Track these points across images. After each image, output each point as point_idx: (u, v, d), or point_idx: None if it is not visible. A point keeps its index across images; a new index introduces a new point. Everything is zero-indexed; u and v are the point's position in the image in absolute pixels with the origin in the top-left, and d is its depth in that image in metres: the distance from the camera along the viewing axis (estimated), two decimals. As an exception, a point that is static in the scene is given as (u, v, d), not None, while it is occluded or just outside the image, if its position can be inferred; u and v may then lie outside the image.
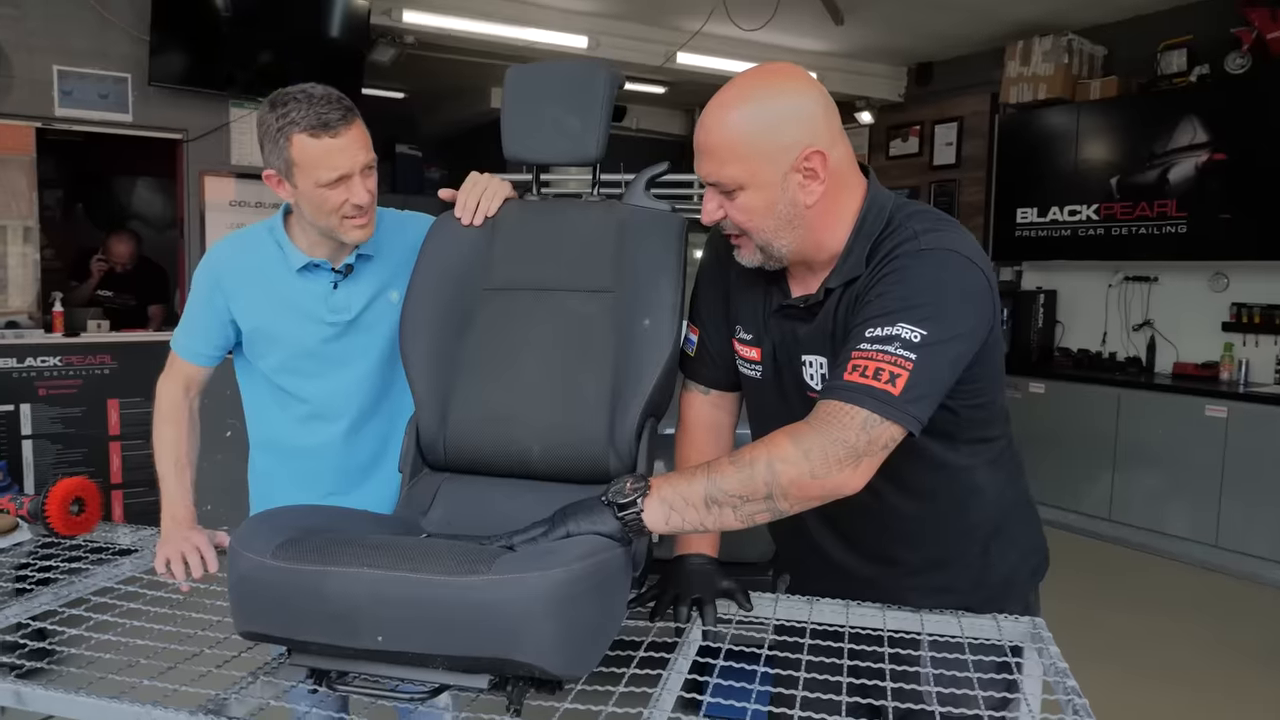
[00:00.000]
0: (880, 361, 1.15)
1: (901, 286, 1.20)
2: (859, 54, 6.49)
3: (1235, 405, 4.65)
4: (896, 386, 1.13)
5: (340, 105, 1.51)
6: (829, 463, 1.13)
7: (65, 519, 1.64)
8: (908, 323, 1.16)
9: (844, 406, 1.14)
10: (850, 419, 1.14)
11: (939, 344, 1.16)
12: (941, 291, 1.20)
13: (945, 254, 1.22)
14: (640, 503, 1.15)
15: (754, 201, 1.25)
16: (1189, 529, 4.81)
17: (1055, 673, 1.21)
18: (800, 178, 1.23)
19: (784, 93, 1.23)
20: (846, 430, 1.13)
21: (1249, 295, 5.04)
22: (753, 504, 1.15)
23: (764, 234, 1.27)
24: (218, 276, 1.66)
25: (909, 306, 1.17)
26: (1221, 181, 4.86)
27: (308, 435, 1.70)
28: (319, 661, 1.07)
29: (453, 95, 7.58)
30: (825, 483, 1.14)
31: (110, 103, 4.20)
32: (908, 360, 1.14)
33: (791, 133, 1.22)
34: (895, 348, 1.15)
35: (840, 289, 1.29)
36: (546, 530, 1.15)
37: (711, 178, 1.25)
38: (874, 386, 1.14)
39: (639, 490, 1.16)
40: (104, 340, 4.14)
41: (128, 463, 4.15)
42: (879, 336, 1.16)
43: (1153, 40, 5.28)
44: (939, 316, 1.17)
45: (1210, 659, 3.64)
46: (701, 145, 1.26)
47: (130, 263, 5.07)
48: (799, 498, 1.15)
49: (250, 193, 4.54)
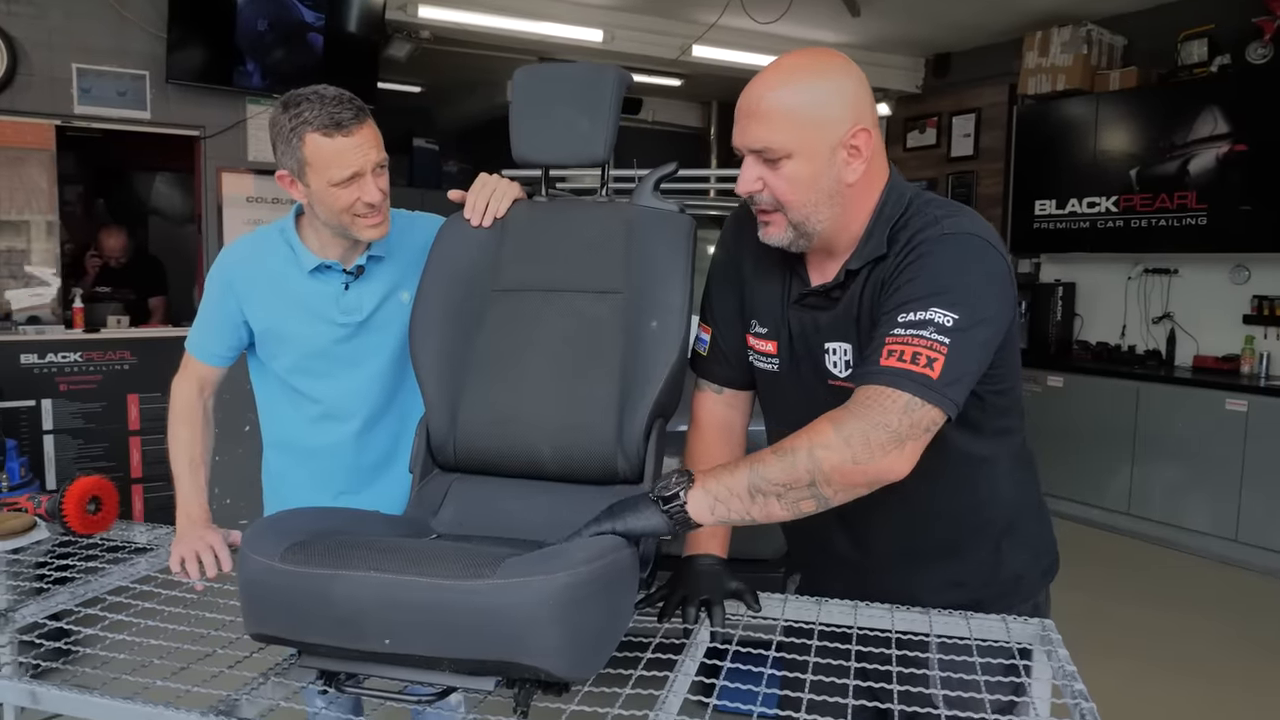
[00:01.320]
0: (916, 345, 1.15)
1: (929, 271, 1.20)
2: (876, 45, 6.44)
3: (1256, 399, 4.60)
4: (935, 370, 1.14)
5: (352, 105, 1.52)
6: (871, 447, 1.12)
7: (82, 518, 1.66)
8: (940, 307, 1.16)
9: (884, 390, 1.14)
10: (892, 402, 1.13)
11: (971, 328, 1.17)
12: (968, 276, 1.20)
13: (968, 238, 1.23)
14: (684, 495, 1.15)
15: (800, 171, 1.24)
16: (1209, 523, 4.76)
17: (1064, 675, 1.20)
18: (846, 154, 1.24)
19: (835, 71, 1.25)
20: (888, 414, 1.13)
21: (1271, 288, 4.98)
22: (796, 492, 1.14)
23: (804, 208, 1.27)
24: (230, 278, 1.67)
25: (939, 291, 1.18)
26: (1242, 173, 4.79)
27: (320, 435, 1.71)
28: (328, 663, 1.08)
29: (469, 89, 7.59)
30: (869, 468, 1.13)
31: (128, 100, 4.24)
32: (942, 344, 1.15)
33: (843, 108, 1.23)
34: (930, 332, 1.15)
35: (863, 272, 1.30)
36: (591, 525, 1.17)
37: (759, 143, 1.25)
38: (913, 370, 1.14)
39: (682, 484, 1.16)
40: (124, 336, 4.19)
41: (147, 457, 4.21)
42: (912, 321, 1.17)
43: (1173, 30, 5.21)
44: (968, 301, 1.18)
45: (1230, 653, 3.61)
46: (751, 110, 1.25)
47: (124, 256, 5.10)
48: (843, 484, 1.14)
49: (267, 189, 4.57)
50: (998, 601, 1.38)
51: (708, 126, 8.13)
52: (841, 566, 1.48)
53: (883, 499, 1.39)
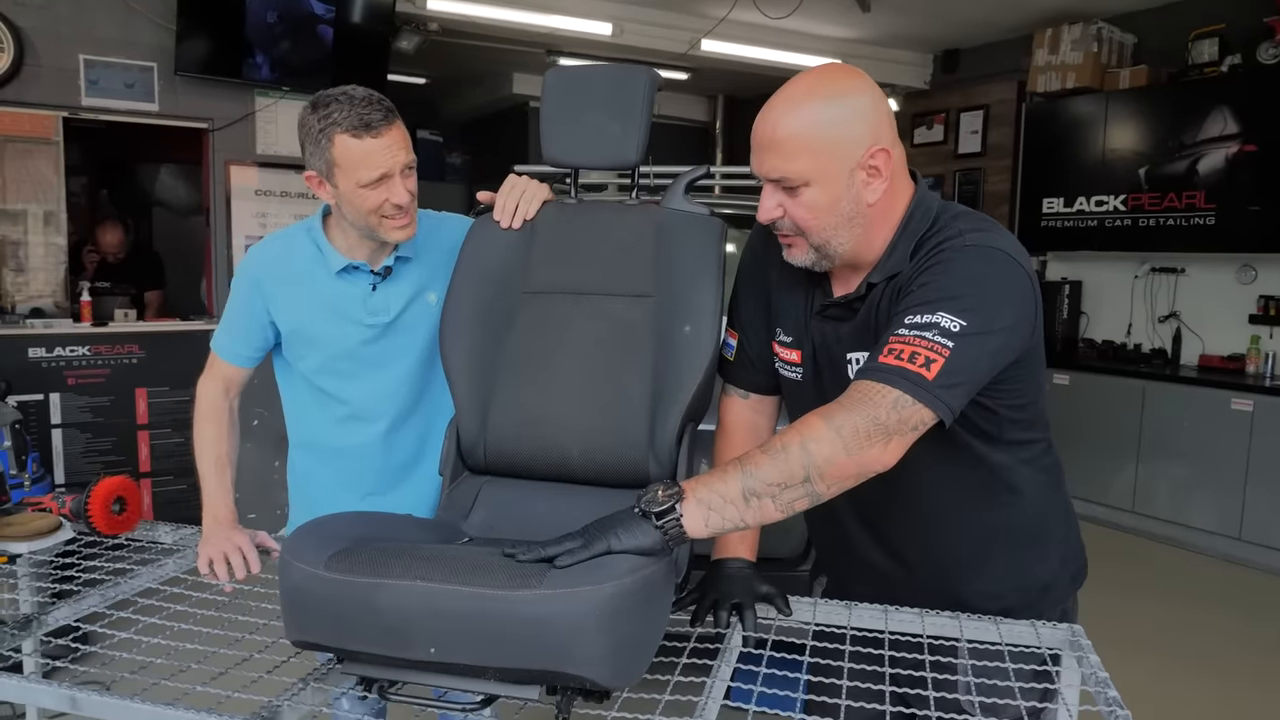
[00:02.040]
0: (916, 346, 1.15)
1: (944, 278, 1.20)
2: (885, 41, 6.42)
3: (1262, 399, 4.61)
4: (930, 371, 1.13)
5: (381, 106, 1.52)
6: (859, 438, 1.12)
7: (108, 518, 1.66)
8: (948, 312, 1.16)
9: (875, 385, 1.15)
10: (881, 397, 1.14)
11: (978, 335, 1.16)
12: (984, 285, 1.20)
13: (990, 250, 1.23)
14: (678, 508, 1.10)
15: (819, 198, 1.24)
16: (1214, 522, 4.78)
17: (1096, 682, 1.21)
18: (865, 175, 1.24)
19: (850, 91, 1.24)
20: (877, 408, 1.13)
21: (1277, 288, 4.99)
22: (791, 490, 1.12)
23: (824, 232, 1.27)
24: (257, 278, 1.67)
25: (950, 297, 1.18)
26: (1251, 173, 4.79)
27: (347, 436, 1.71)
28: (370, 670, 1.08)
29: (474, 81, 7.57)
30: (859, 459, 1.12)
31: (136, 92, 4.23)
32: (944, 347, 1.14)
33: (859, 129, 1.22)
34: (933, 335, 1.15)
35: (882, 284, 1.29)
36: (584, 545, 1.09)
37: (776, 173, 1.24)
38: (907, 369, 1.14)
39: (673, 496, 1.11)
40: (133, 330, 4.18)
41: (155, 451, 4.21)
42: (918, 323, 1.17)
43: (1183, 29, 5.20)
44: (980, 309, 1.17)
45: (1235, 650, 3.63)
46: (766, 140, 1.24)
47: (122, 251, 5.08)
48: (835, 477, 1.13)
49: (275, 182, 4.56)
50: (1026, 609, 1.38)
51: (713, 120, 8.11)
52: (870, 573, 1.48)
53: (911, 507, 1.40)
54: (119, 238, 5.04)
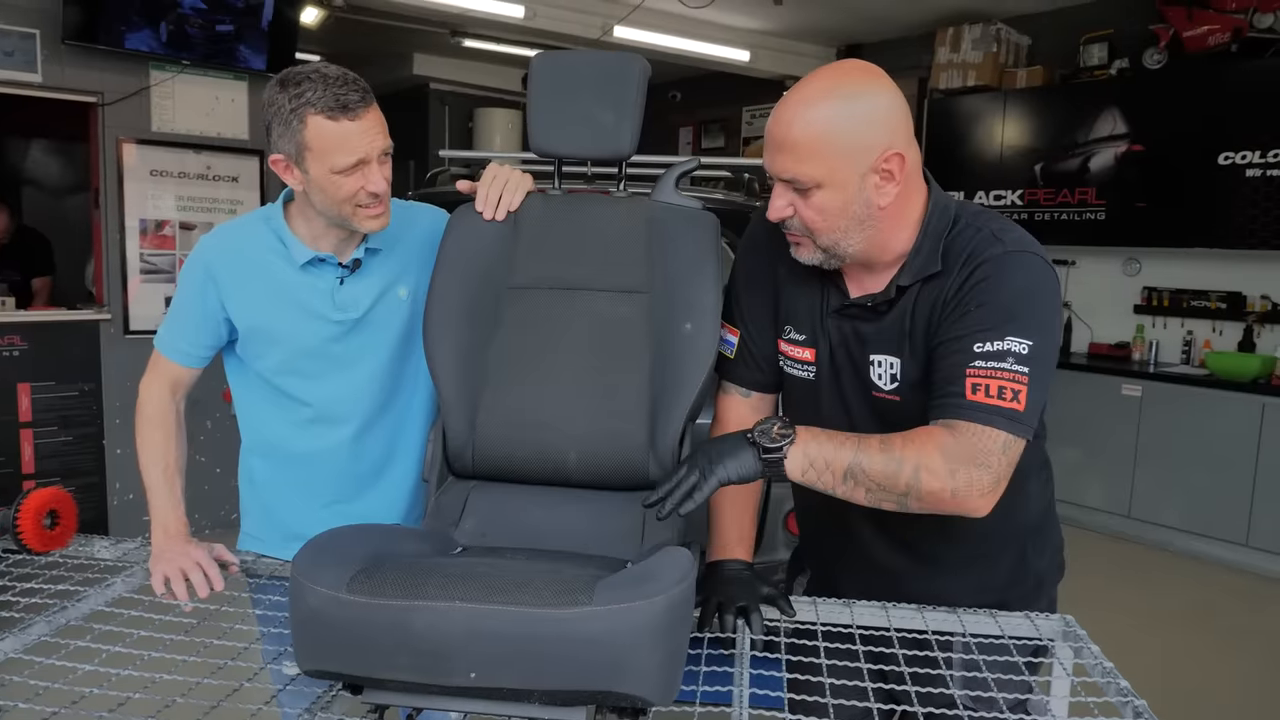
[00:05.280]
0: (1000, 379, 1.17)
1: (999, 296, 1.21)
2: (792, 34, 6.51)
3: (1149, 385, 4.91)
4: (1021, 402, 1.17)
5: (358, 86, 1.41)
6: (972, 488, 1.17)
7: (39, 533, 1.49)
8: (1015, 335, 1.18)
9: (982, 430, 1.17)
10: (992, 442, 1.17)
11: (1043, 354, 1.20)
12: (1035, 299, 1.22)
13: (1029, 258, 1.24)
14: (786, 450, 1.18)
15: (830, 201, 1.22)
16: (1104, 501, 5.07)
17: (1103, 673, 1.23)
18: (877, 179, 1.22)
19: (867, 92, 1.22)
20: (990, 455, 1.16)
21: (1159, 279, 5.31)
22: (887, 494, 1.18)
23: (834, 234, 1.25)
24: (212, 271, 1.53)
25: (1012, 318, 1.19)
26: (1138, 171, 5.08)
27: (310, 440, 1.59)
28: (396, 699, 1.01)
29: (373, 61, 7.28)
30: (962, 503, 1.18)
31: (16, 61, 3.83)
32: (1023, 375, 1.17)
33: (874, 133, 1.20)
34: (1010, 363, 1.17)
35: (916, 287, 1.29)
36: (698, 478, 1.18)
37: (787, 174, 1.22)
38: (1003, 406, 1.16)
39: (787, 438, 1.18)
40: (12, 319, 3.84)
41: (40, 451, 3.89)
42: (991, 352, 1.18)
43: (1075, 32, 5.46)
44: (1040, 326, 1.20)
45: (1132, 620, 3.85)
46: (779, 140, 1.22)
47: (6, 235, 4.71)
48: (932, 505, 1.19)
49: (171, 161, 4.25)
50: (1020, 603, 1.41)
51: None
52: (867, 569, 1.48)
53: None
54: (5, 221, 4.63)
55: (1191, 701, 3.21)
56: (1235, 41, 4.73)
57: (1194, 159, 4.83)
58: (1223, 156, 4.73)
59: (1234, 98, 4.72)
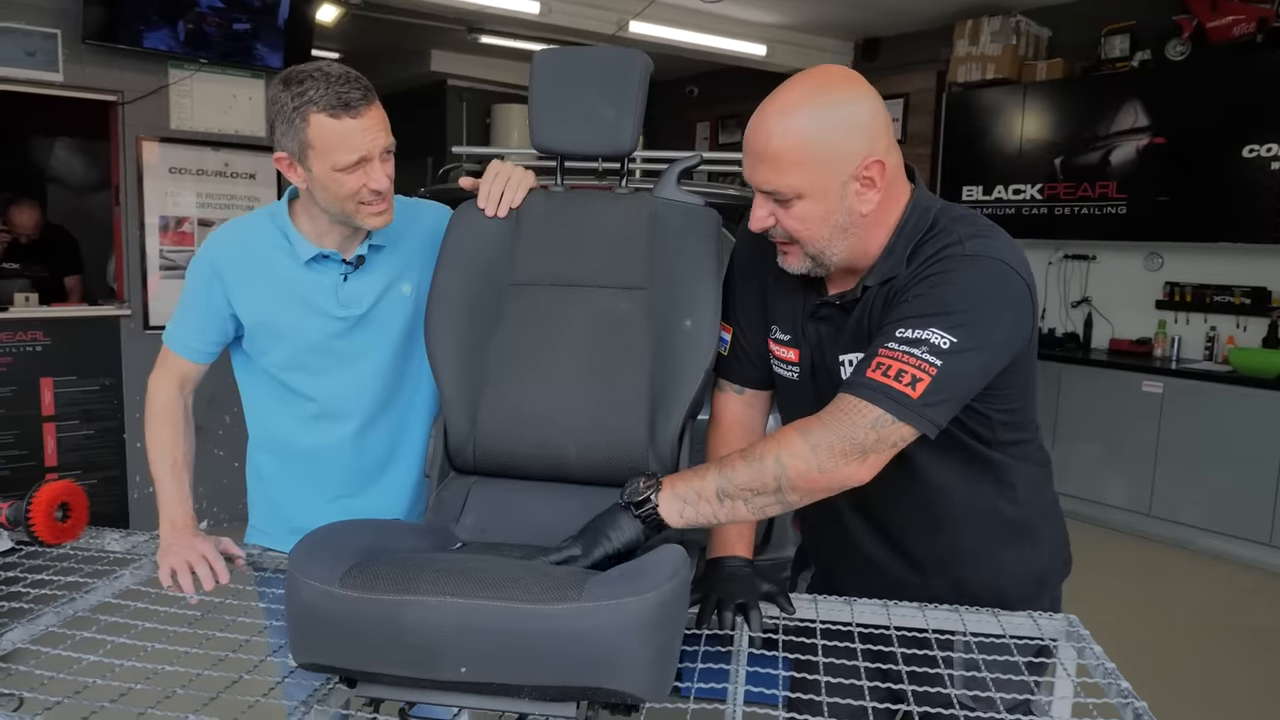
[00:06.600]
0: (904, 363, 1.15)
1: (940, 290, 1.19)
2: (809, 28, 6.47)
3: (1171, 381, 4.84)
4: (916, 390, 1.14)
5: (360, 84, 1.43)
6: (835, 457, 1.15)
7: (51, 526, 1.52)
8: (940, 328, 1.16)
9: (858, 402, 1.16)
10: (862, 416, 1.15)
11: (968, 352, 1.17)
12: (980, 300, 1.19)
13: (990, 261, 1.22)
14: (654, 499, 1.18)
15: (811, 210, 1.22)
16: (1124, 499, 5.01)
17: (1105, 674, 1.22)
18: (858, 186, 1.22)
19: (845, 100, 1.20)
20: (855, 427, 1.15)
21: (1181, 275, 5.24)
22: (763, 497, 1.18)
23: (818, 243, 1.25)
24: (218, 267, 1.55)
25: (945, 312, 1.17)
26: (1160, 164, 5.01)
27: (315, 435, 1.61)
28: (388, 693, 1.02)
29: (391, 58, 7.32)
30: (832, 476, 1.17)
31: (38, 61, 3.88)
32: (932, 365, 1.14)
33: (853, 141, 1.19)
34: (922, 351, 1.15)
35: (876, 286, 1.28)
36: (584, 550, 1.18)
37: (768, 185, 1.22)
38: (893, 387, 1.14)
39: (652, 487, 1.19)
40: (36, 315, 3.90)
41: (63, 445, 3.95)
42: (908, 338, 1.16)
43: (1096, 24, 5.39)
44: (973, 324, 1.17)
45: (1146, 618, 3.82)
46: (758, 151, 1.21)
47: (36, 232, 4.77)
48: (806, 490, 1.18)
49: (190, 159, 4.29)
50: (1022, 602, 1.40)
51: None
52: (863, 564, 1.48)
53: (912, 503, 1.40)
54: (34, 218, 4.70)
55: (1206, 700, 3.17)
56: (1260, 32, 4.65)
57: (1217, 152, 4.76)
58: (1247, 149, 4.65)
59: (1259, 89, 4.63)
